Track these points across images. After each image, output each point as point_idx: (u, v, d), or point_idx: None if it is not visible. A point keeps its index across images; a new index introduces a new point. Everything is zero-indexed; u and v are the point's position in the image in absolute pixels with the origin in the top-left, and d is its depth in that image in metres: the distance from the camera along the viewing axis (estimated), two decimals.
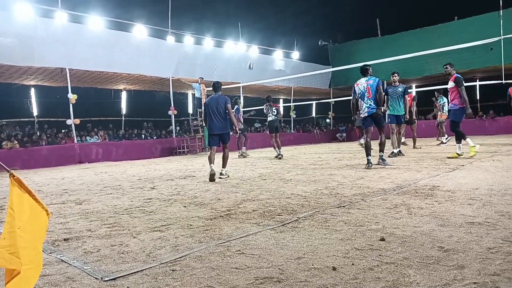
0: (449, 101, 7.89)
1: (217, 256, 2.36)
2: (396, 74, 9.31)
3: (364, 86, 6.92)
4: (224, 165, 6.84)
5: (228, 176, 6.71)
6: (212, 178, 6.22)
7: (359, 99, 7.05)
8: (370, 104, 6.88)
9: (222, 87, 7.42)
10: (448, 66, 7.80)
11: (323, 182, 5.33)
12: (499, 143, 11.46)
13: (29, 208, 1.77)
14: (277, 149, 10.45)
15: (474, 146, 7.55)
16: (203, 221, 3.30)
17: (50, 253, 2.61)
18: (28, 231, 1.68)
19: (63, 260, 2.44)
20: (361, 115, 7.07)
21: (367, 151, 6.87)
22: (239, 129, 9.63)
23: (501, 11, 14.81)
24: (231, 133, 7.15)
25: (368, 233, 2.67)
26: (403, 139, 11.54)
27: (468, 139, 7.59)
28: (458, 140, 7.62)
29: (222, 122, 6.71)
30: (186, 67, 16.78)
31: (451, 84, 7.63)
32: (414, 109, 11.31)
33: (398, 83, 9.24)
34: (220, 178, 6.49)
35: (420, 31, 20.30)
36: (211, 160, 6.53)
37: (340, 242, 2.52)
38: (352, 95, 7.25)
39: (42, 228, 1.87)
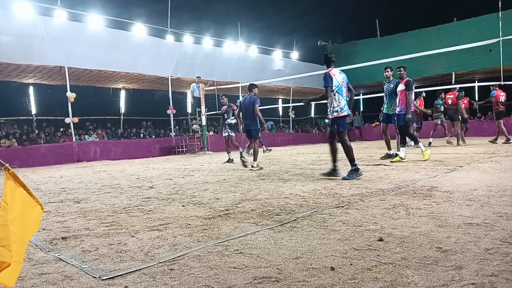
0: (397, 104, 7.83)
1: (215, 255, 2.36)
2: (388, 69, 8.47)
3: (340, 80, 5.72)
4: (254, 159, 7.76)
5: (261, 168, 7.53)
6: (243, 164, 7.53)
7: (336, 92, 5.67)
8: (347, 103, 5.75)
9: (221, 86, 7.78)
10: (401, 69, 7.89)
11: (321, 182, 5.33)
12: (497, 144, 11.49)
13: (21, 202, 1.78)
14: (241, 148, 9.31)
15: (426, 150, 7.62)
16: (201, 221, 3.30)
17: (48, 251, 2.60)
18: (17, 224, 1.68)
19: (61, 259, 2.44)
20: (336, 113, 5.59)
21: (333, 156, 5.71)
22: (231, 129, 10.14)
23: (500, 12, 14.82)
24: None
25: (366, 233, 2.67)
26: (447, 138, 11.95)
27: (420, 144, 7.69)
28: (403, 144, 7.75)
29: (249, 119, 7.74)
30: (185, 66, 16.77)
31: (401, 87, 7.75)
32: (462, 106, 11.94)
33: (392, 79, 8.36)
34: (251, 170, 7.41)
35: (419, 32, 20.35)
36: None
37: (339, 242, 2.52)
38: (329, 83, 5.65)
39: (34, 222, 1.86)
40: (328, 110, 5.72)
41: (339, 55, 24.76)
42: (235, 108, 10.21)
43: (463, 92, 12.54)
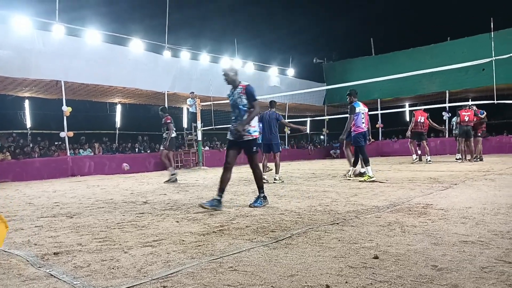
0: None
1: (209, 272, 2.33)
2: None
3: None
4: (277, 172, 8.21)
5: (283, 182, 7.94)
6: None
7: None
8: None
9: (218, 102, 7.97)
10: (348, 96, 8.37)
11: (317, 198, 5.32)
12: (491, 161, 11.56)
13: None
14: (171, 168, 9.31)
15: (368, 174, 7.62)
16: (195, 237, 3.27)
17: (39, 267, 2.56)
18: None
19: (52, 275, 2.39)
20: (255, 133, 5.13)
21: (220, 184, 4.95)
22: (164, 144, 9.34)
23: (492, 33, 15.11)
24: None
25: (361, 251, 2.65)
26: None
27: (369, 168, 7.69)
28: (367, 163, 7.82)
29: (271, 134, 8.23)
30: (182, 81, 16.86)
31: (367, 109, 8.35)
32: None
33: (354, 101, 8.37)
34: (274, 182, 7.80)
35: (413, 51, 20.63)
36: (263, 167, 8.17)
37: (334, 259, 2.50)
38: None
39: None
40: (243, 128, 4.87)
41: (334, 72, 25.14)
42: (169, 121, 9.31)
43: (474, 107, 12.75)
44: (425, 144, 12.83)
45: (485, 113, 12.80)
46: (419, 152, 13.56)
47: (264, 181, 7.86)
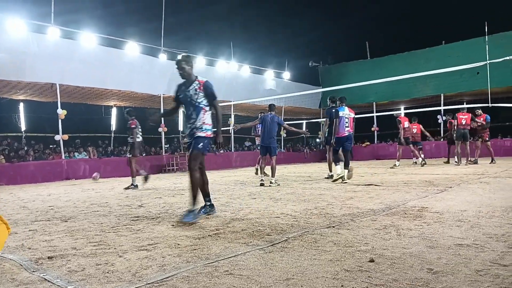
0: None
1: (204, 276, 2.32)
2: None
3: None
4: (273, 175, 8.19)
5: (278, 185, 7.92)
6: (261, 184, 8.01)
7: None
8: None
9: None
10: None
11: (312, 201, 5.32)
12: (486, 164, 11.61)
13: None
14: (142, 171, 9.00)
15: (340, 174, 8.13)
16: (191, 240, 3.25)
17: (33, 271, 2.54)
18: None
19: (46, 279, 2.37)
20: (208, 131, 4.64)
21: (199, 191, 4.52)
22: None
23: (486, 36, 15.24)
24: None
25: (357, 254, 2.65)
26: (473, 158, 12.60)
27: (338, 166, 8.24)
28: (337, 163, 8.35)
29: (271, 138, 8.29)
30: None
31: (353, 114, 8.70)
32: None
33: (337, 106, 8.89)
34: (270, 185, 7.80)
35: (408, 54, 20.74)
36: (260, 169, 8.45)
37: (329, 263, 2.49)
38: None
39: None
40: (197, 127, 4.45)
41: (330, 76, 25.21)
42: (133, 126, 8.91)
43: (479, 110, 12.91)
44: (412, 147, 13.12)
45: (489, 118, 12.96)
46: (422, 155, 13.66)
47: (261, 181, 8.02)
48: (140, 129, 9.12)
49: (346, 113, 8.52)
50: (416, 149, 13.36)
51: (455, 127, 12.50)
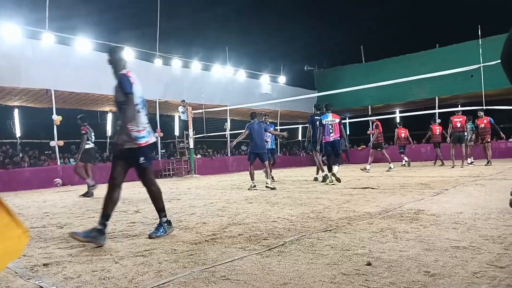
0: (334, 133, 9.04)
1: (201, 282, 2.31)
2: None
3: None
4: (268, 176, 8.43)
5: (274, 188, 8.03)
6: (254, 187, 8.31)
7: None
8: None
9: (209, 110, 8.12)
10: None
11: (309, 205, 5.31)
12: (481, 167, 11.67)
13: (4, 227, 1.69)
14: (89, 180, 8.77)
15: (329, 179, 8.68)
16: (187, 246, 3.24)
17: (28, 279, 2.51)
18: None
19: (41, 287, 2.36)
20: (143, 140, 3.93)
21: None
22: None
23: (480, 40, 15.35)
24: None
25: (354, 258, 2.65)
26: (469, 160, 13.09)
27: (335, 167, 8.79)
28: (330, 170, 8.79)
29: (260, 143, 8.48)
30: (173, 89, 16.85)
31: (337, 119, 9.11)
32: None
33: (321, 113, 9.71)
34: (266, 187, 8.05)
35: (403, 58, 20.87)
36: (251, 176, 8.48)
37: (327, 267, 2.49)
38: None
39: (14, 248, 1.77)
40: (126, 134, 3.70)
41: (325, 80, 25.28)
42: (83, 132, 8.90)
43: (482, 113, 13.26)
44: (384, 152, 13.48)
45: (492, 120, 13.31)
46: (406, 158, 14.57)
47: (255, 188, 8.06)
48: (92, 136, 9.10)
49: (330, 119, 9.05)
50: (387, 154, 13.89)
51: (450, 130, 12.64)
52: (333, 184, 8.37)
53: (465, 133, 12.57)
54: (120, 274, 2.52)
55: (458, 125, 12.47)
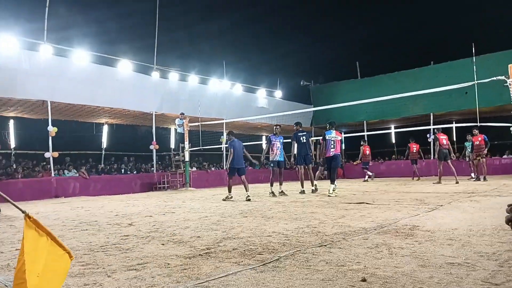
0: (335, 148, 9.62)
1: None
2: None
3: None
4: (247, 190, 9.20)
5: (250, 199, 8.79)
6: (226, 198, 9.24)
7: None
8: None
9: (206, 123, 8.46)
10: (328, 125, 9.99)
11: (304, 220, 5.29)
12: (476, 183, 11.72)
13: (46, 252, 1.66)
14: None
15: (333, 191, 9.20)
16: (181, 260, 3.21)
17: None
18: (47, 277, 1.57)
19: None
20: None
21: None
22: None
23: (474, 57, 15.58)
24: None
25: (349, 273, 2.63)
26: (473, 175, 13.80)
27: (332, 185, 9.30)
28: (332, 182, 9.37)
29: (242, 159, 9.56)
30: (170, 102, 16.88)
31: (339, 137, 9.80)
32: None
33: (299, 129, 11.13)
34: (248, 199, 8.76)
35: (398, 74, 21.08)
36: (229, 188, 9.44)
37: (322, 282, 2.47)
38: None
39: (61, 272, 1.75)
40: None
41: (321, 95, 25.45)
42: None
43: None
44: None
45: (486, 137, 13.62)
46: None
47: (231, 199, 8.67)
48: None
49: (333, 136, 9.64)
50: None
51: (438, 147, 12.93)
52: (336, 196, 8.95)
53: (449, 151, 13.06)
54: None
55: (444, 142, 12.80)
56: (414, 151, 15.92)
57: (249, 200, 8.76)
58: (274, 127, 10.90)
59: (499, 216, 4.92)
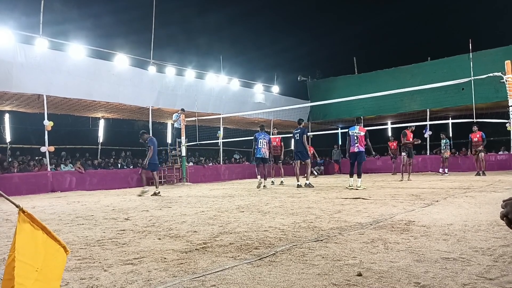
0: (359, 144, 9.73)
1: None
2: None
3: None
4: (156, 186, 10.00)
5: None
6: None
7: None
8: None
9: (203, 118, 8.52)
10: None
11: (301, 215, 5.31)
12: (471, 179, 11.77)
13: (44, 247, 1.65)
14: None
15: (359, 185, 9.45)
16: (177, 254, 3.21)
17: None
18: (45, 272, 1.57)
19: None
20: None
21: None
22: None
23: (470, 53, 15.61)
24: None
25: (345, 268, 2.64)
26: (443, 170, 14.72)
27: (359, 180, 9.54)
28: (359, 176, 9.60)
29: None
30: (167, 97, 16.82)
31: (362, 133, 9.78)
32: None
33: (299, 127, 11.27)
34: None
35: (395, 70, 21.10)
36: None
37: (318, 277, 2.48)
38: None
39: (59, 267, 1.74)
40: None
41: (318, 90, 25.43)
42: None
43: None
44: (280, 165, 15.12)
45: (484, 135, 14.10)
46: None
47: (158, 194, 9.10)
48: None
49: (356, 132, 9.81)
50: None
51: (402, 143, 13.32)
52: (352, 188, 9.37)
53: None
54: (109, 282, 2.49)
55: (411, 139, 13.22)
56: (393, 148, 16.88)
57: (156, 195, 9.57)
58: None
59: (494, 211, 4.96)
